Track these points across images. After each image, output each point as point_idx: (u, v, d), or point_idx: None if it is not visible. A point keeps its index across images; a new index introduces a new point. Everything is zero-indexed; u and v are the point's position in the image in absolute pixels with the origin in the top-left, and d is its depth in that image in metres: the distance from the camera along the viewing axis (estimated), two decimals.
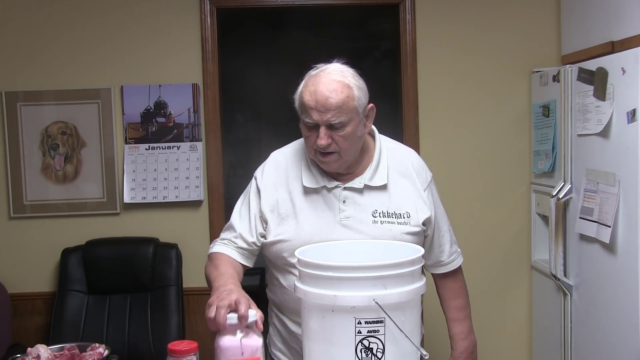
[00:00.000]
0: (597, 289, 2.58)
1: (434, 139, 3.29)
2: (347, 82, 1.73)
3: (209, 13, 3.22)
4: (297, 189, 1.84)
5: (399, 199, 1.83)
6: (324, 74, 1.74)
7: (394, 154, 1.90)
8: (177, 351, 1.49)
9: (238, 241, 1.86)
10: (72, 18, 3.20)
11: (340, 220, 1.79)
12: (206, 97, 3.23)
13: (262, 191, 1.87)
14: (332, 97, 1.69)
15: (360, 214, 1.80)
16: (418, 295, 1.42)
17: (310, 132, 1.75)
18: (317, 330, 1.42)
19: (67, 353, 1.81)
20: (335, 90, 1.70)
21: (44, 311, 3.20)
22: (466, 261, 3.30)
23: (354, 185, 1.82)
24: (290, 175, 1.86)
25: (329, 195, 1.82)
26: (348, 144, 1.74)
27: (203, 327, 1.86)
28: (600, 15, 2.73)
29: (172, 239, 3.20)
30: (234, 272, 1.77)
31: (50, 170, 3.21)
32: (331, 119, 1.70)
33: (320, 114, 1.70)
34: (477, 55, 3.27)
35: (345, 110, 1.71)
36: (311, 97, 1.71)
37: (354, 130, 1.74)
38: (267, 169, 1.90)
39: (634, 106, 2.27)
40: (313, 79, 1.74)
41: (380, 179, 1.83)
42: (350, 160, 1.80)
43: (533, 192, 3.24)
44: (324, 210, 1.81)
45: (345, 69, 1.78)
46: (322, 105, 1.69)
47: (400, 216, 1.81)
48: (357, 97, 1.73)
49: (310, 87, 1.73)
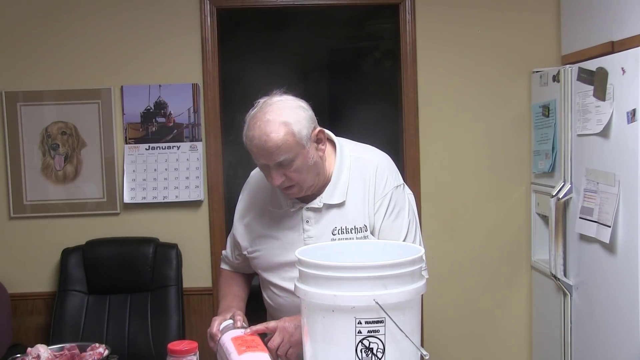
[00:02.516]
0: (597, 289, 2.58)
1: (433, 139, 3.29)
2: (283, 119, 1.70)
3: (209, 13, 3.22)
4: (266, 210, 1.91)
5: (355, 213, 1.83)
6: (260, 115, 1.72)
7: (357, 163, 1.87)
8: (177, 351, 1.50)
9: (227, 259, 2.09)
10: (72, 18, 3.20)
11: (304, 239, 1.83)
12: (206, 97, 3.23)
13: (236, 217, 1.99)
14: (270, 141, 1.68)
15: (321, 232, 1.82)
16: (418, 295, 1.42)
17: (265, 171, 1.79)
18: (317, 330, 1.42)
19: (67, 353, 1.81)
20: (271, 133, 1.68)
21: (44, 311, 3.21)
22: (466, 261, 3.34)
23: (314, 205, 1.83)
24: (258, 198, 1.94)
25: (294, 216, 1.86)
26: (303, 176, 1.75)
27: (203, 327, 1.88)
28: (600, 15, 2.73)
29: (172, 239, 3.20)
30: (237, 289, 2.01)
31: (50, 170, 3.21)
32: (276, 159, 1.70)
33: (265, 157, 1.71)
34: (477, 55, 3.27)
35: (287, 149, 1.69)
36: (251, 143, 1.72)
37: (304, 162, 1.74)
38: (243, 193, 2.01)
39: (634, 106, 2.27)
40: (250, 122, 1.73)
41: (339, 196, 1.83)
42: (314, 184, 1.81)
43: (533, 192, 3.24)
44: (290, 230, 1.85)
45: (283, 103, 1.74)
46: (262, 149, 1.70)
47: (359, 230, 1.82)
48: (297, 132, 1.70)
49: (249, 133, 1.72)
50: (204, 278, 3.26)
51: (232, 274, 2.08)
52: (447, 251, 3.30)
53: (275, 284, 1.89)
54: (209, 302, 3.24)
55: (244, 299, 2.01)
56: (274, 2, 3.29)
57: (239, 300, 1.98)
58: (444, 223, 3.31)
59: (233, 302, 1.94)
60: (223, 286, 2.05)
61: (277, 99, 1.76)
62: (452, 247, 3.30)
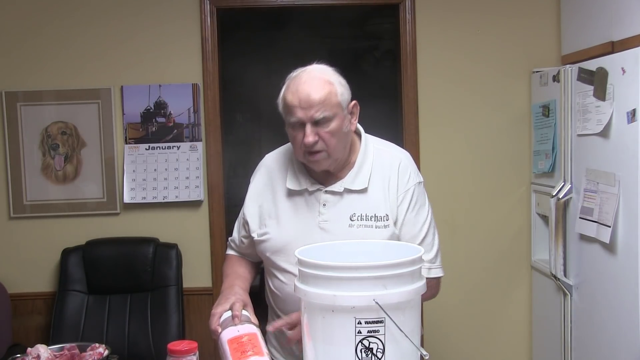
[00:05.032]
0: (597, 289, 2.58)
1: (434, 139, 3.29)
2: (328, 78, 1.76)
3: (209, 13, 3.22)
4: (281, 192, 1.88)
5: (377, 201, 1.83)
6: (305, 74, 1.77)
7: (380, 155, 1.89)
8: (177, 351, 1.49)
9: (233, 243, 2.03)
10: (72, 18, 3.20)
11: (319, 223, 1.81)
12: (206, 97, 3.23)
13: (248, 197, 1.94)
14: (315, 93, 1.72)
15: (338, 217, 1.81)
16: (418, 295, 1.42)
17: (296, 132, 1.77)
18: (317, 330, 1.42)
19: (67, 353, 1.81)
20: (317, 87, 1.73)
21: (44, 311, 3.21)
22: (466, 261, 3.33)
23: (334, 188, 1.83)
24: (276, 178, 1.91)
25: (311, 198, 1.84)
26: (335, 141, 1.75)
27: (203, 327, 1.87)
28: (600, 15, 2.73)
29: (172, 239, 3.20)
30: (242, 270, 1.95)
31: (50, 170, 3.21)
32: (315, 114, 1.71)
33: (304, 110, 1.72)
34: (477, 55, 3.27)
35: (329, 106, 1.72)
36: (293, 96, 1.73)
37: (340, 126, 1.76)
38: (257, 174, 1.97)
39: (634, 106, 2.27)
40: (294, 80, 1.77)
41: (361, 183, 1.83)
42: (339, 158, 1.81)
43: (533, 192, 3.24)
44: (305, 213, 1.83)
45: (325, 67, 1.81)
46: (305, 102, 1.71)
47: (380, 219, 1.81)
48: (340, 93, 1.76)
49: (292, 87, 1.75)
50: (204, 278, 3.27)
51: (238, 257, 2.02)
52: (447, 251, 3.25)
53: (284, 269, 1.83)
54: (209, 302, 3.23)
55: (248, 279, 1.94)
56: (274, 2, 3.29)
57: (243, 280, 1.91)
58: (444, 223, 3.30)
59: (236, 281, 1.87)
60: (227, 267, 1.99)
61: (321, 65, 1.82)
62: (452, 247, 3.29)
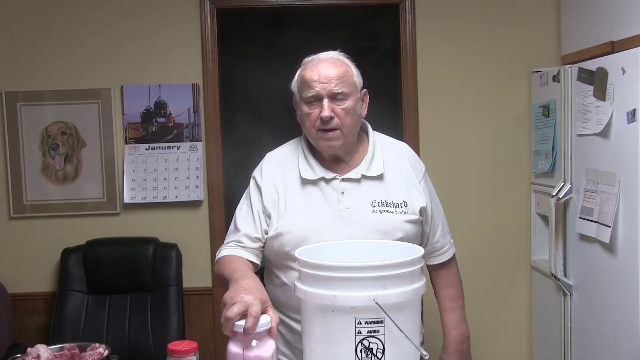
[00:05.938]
0: (597, 289, 2.58)
1: (434, 139, 3.29)
2: (345, 60, 1.86)
3: (209, 13, 3.22)
4: (294, 183, 1.86)
5: (396, 189, 1.86)
6: (323, 55, 1.86)
7: (387, 146, 1.95)
8: (177, 351, 1.49)
9: (244, 240, 1.84)
10: (72, 19, 3.20)
11: (340, 211, 1.81)
12: (206, 97, 3.23)
13: (262, 188, 1.88)
14: (334, 68, 1.80)
15: (359, 204, 1.82)
16: (418, 295, 1.42)
17: (311, 108, 1.80)
18: (317, 331, 1.42)
19: (67, 353, 1.81)
20: (336, 64, 1.82)
21: (44, 311, 3.21)
22: (466, 261, 3.31)
23: (352, 176, 1.84)
24: (287, 170, 1.89)
25: (327, 187, 1.84)
26: (349, 119, 1.80)
27: (203, 327, 1.87)
28: (600, 15, 2.73)
29: (172, 239, 3.20)
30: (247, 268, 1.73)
31: (50, 170, 3.21)
32: (334, 88, 1.77)
33: (323, 85, 1.78)
34: (476, 55, 3.27)
35: (346, 83, 1.80)
36: (313, 71, 1.80)
37: (354, 106, 1.81)
38: (264, 168, 1.93)
39: (634, 106, 2.27)
40: (312, 60, 1.85)
41: (377, 169, 1.86)
42: (350, 140, 1.84)
43: (533, 192, 3.24)
44: (323, 202, 1.82)
45: (340, 53, 1.89)
46: (324, 76, 1.78)
47: (398, 205, 1.84)
48: (355, 74, 1.85)
49: (311, 65, 1.83)
50: (204, 278, 3.26)
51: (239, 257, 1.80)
52: None
53: None
54: (209, 302, 3.24)
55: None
56: (274, 2, 3.29)
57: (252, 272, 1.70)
58: None
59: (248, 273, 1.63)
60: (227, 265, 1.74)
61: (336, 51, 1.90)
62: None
